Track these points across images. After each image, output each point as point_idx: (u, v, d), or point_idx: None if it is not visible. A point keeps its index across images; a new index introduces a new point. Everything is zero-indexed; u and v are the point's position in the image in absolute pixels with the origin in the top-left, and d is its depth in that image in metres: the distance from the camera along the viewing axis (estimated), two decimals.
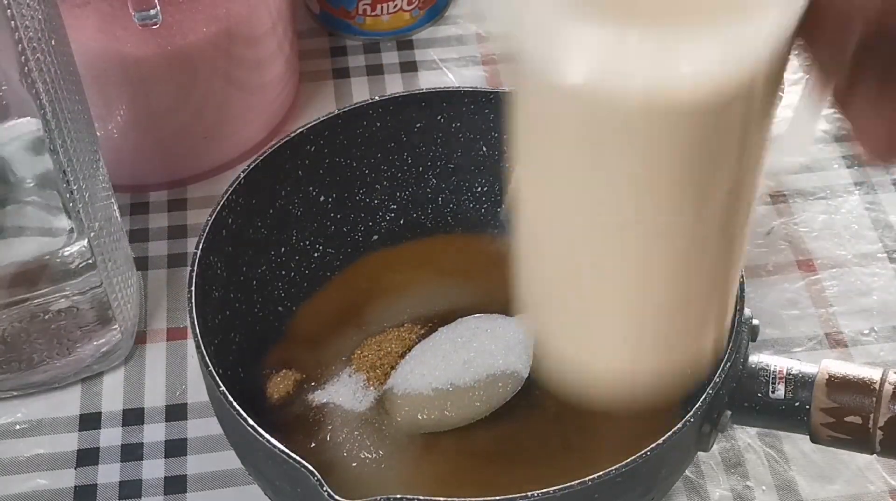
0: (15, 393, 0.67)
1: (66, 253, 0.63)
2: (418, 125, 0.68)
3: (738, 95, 0.34)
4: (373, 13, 0.84)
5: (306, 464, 0.51)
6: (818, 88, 0.38)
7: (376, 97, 0.67)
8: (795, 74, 0.39)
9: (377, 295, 0.67)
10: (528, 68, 0.32)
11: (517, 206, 0.38)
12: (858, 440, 0.57)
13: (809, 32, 0.37)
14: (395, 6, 0.84)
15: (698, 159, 0.36)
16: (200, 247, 0.60)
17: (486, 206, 0.70)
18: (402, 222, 0.70)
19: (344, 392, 0.63)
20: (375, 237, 0.70)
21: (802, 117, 0.41)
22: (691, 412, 0.54)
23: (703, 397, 0.54)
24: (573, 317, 0.45)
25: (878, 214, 0.75)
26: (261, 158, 0.64)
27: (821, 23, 0.37)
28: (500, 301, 0.61)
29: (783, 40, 0.36)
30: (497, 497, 0.50)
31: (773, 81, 0.37)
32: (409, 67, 0.84)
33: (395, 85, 0.83)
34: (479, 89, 0.67)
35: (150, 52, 0.71)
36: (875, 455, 0.57)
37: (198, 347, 0.57)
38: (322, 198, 0.68)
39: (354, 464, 0.60)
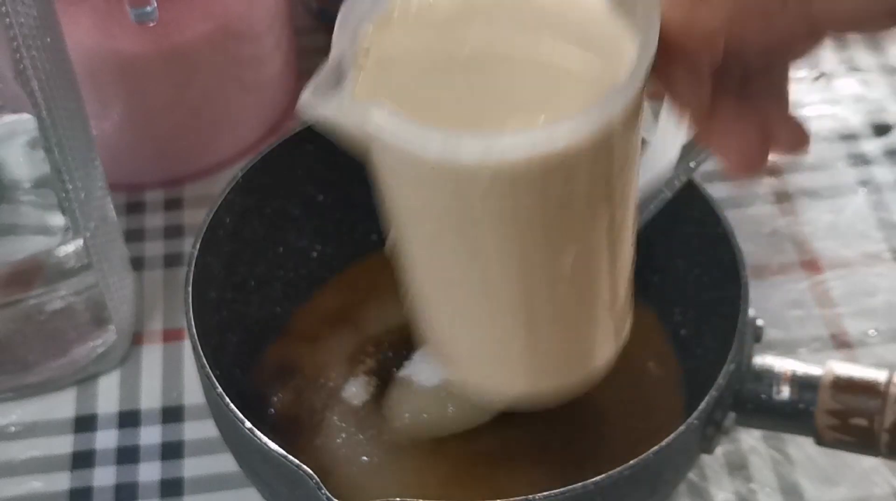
0: (9, 395, 0.67)
1: (61, 253, 0.62)
2: None
3: (563, 165, 0.37)
4: None
5: (305, 466, 0.51)
6: (678, 113, 0.40)
7: None
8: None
9: (377, 295, 0.67)
10: (392, 145, 0.36)
11: (398, 255, 0.41)
12: (864, 442, 0.56)
13: (662, 72, 0.38)
14: None
15: (557, 209, 0.37)
16: (197, 247, 0.60)
17: None
18: None
19: (343, 394, 0.63)
20: (375, 237, 0.69)
21: (668, 128, 0.43)
22: (695, 414, 0.53)
23: (707, 399, 0.54)
24: (466, 355, 0.48)
25: (883, 213, 0.74)
26: (259, 157, 0.64)
27: (671, 61, 0.38)
28: None
29: (629, 107, 0.37)
30: None
31: (624, 136, 0.38)
32: None
33: None
34: None
35: (147, 49, 0.71)
36: (881, 457, 0.57)
37: (195, 348, 0.56)
38: (321, 197, 0.67)
39: (354, 467, 0.60)
